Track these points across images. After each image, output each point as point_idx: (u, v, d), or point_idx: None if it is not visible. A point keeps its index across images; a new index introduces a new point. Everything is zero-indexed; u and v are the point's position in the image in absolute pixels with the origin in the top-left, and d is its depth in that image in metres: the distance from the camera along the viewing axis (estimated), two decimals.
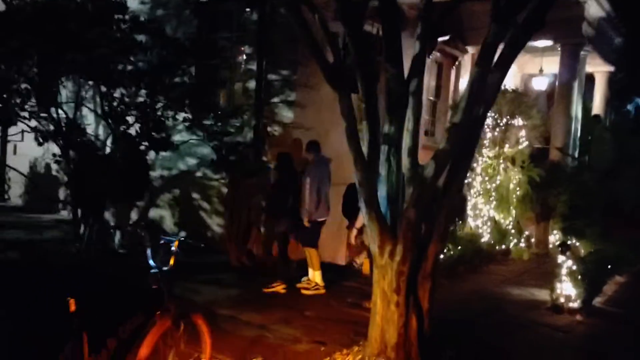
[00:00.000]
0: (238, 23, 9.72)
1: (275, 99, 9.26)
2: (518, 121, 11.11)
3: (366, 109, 4.95)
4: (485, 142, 10.68)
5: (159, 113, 7.40)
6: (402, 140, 5.07)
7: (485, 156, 10.69)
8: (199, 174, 9.89)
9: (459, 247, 9.33)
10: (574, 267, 7.48)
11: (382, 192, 5.35)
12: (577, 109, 13.02)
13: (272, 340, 5.60)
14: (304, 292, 7.46)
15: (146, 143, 7.40)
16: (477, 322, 6.72)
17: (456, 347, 5.72)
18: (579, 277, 7.44)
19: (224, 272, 8.14)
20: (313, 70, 7.02)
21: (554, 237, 11.75)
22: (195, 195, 9.96)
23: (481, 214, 10.75)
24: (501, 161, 10.79)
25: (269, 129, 9.23)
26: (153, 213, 10.33)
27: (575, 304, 7.30)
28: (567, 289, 7.35)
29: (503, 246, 11.00)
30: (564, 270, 7.45)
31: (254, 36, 9.22)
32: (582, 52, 12.89)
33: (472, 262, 9.76)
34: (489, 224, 10.80)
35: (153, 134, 7.31)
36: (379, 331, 5.07)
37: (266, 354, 5.19)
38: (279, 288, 7.37)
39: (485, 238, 10.49)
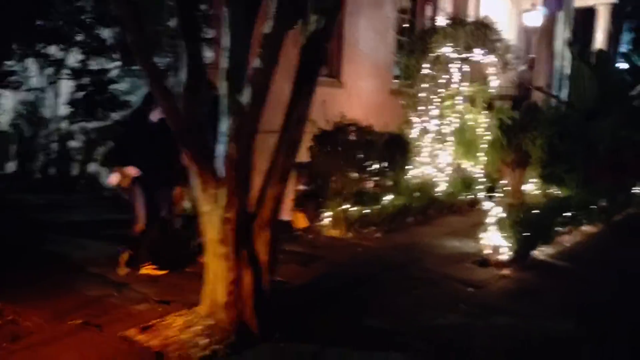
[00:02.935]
0: None
1: None
2: (485, 57, 9.93)
3: (179, 19, 4.09)
4: (440, 81, 9.57)
5: None
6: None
7: (438, 95, 9.57)
8: None
9: (402, 197, 8.40)
10: (503, 215, 6.55)
11: (222, 127, 4.57)
12: (563, 45, 11.71)
13: (115, 300, 4.96)
14: None
15: None
16: (376, 279, 5.92)
17: (325, 307, 5.03)
18: (510, 225, 6.49)
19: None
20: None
21: (532, 186, 10.68)
22: None
23: (437, 161, 9.75)
24: (458, 101, 9.66)
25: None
26: None
27: (504, 256, 6.40)
28: (496, 240, 6.46)
29: (470, 196, 10.02)
30: (490, 219, 6.55)
31: None
32: None
33: (424, 213, 8.89)
34: (446, 171, 9.80)
35: None
36: (210, 288, 4.36)
37: (92, 314, 4.58)
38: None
39: (443, 187, 9.50)
